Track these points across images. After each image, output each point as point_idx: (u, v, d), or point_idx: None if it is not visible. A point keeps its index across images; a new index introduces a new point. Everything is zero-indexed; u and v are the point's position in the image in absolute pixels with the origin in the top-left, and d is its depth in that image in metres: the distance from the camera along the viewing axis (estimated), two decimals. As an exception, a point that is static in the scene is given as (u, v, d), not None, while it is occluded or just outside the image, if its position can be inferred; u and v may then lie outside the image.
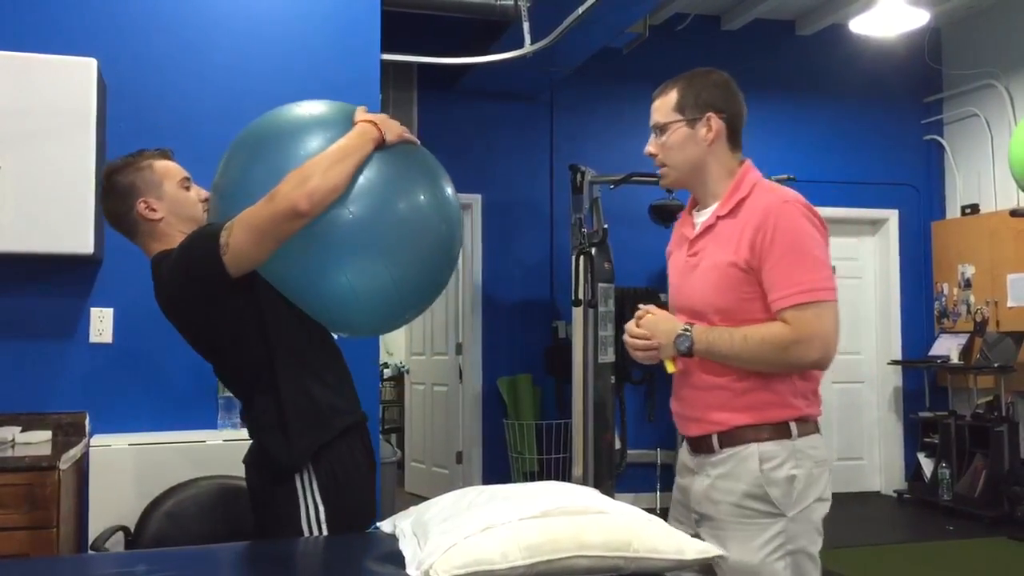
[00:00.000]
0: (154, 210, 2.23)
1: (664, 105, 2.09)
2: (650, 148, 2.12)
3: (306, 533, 2.08)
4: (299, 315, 2.10)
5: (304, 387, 2.13)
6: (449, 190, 2.14)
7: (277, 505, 2.12)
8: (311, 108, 2.14)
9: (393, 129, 2.06)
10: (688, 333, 1.98)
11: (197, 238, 2.07)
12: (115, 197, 2.25)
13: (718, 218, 2.04)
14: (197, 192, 2.30)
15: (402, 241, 2.01)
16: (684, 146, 2.07)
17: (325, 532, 2.09)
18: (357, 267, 1.98)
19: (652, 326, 2.04)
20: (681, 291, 2.13)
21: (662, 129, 2.09)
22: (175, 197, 2.26)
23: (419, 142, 2.15)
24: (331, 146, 1.98)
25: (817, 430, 2.03)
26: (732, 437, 1.99)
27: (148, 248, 2.25)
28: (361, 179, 1.98)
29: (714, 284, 2.00)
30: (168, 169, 2.29)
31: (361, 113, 2.07)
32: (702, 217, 2.11)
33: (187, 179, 2.30)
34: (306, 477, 2.11)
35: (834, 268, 2.06)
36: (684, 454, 2.15)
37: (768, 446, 1.96)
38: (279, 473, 2.12)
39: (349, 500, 2.16)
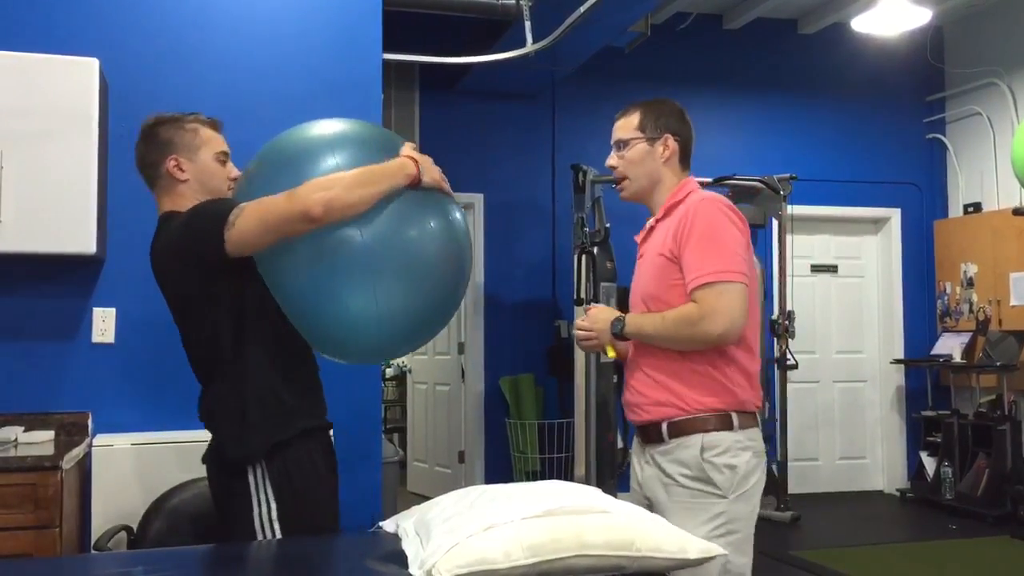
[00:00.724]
0: (182, 170, 2.28)
1: (627, 124, 2.36)
2: (611, 161, 2.38)
3: (258, 530, 2.09)
4: (283, 318, 2.12)
5: (269, 382, 2.15)
6: (462, 232, 2.19)
7: (233, 499, 2.13)
8: (361, 128, 2.20)
9: (431, 172, 2.11)
10: (621, 320, 2.27)
11: (209, 207, 2.13)
12: (151, 145, 2.30)
13: (657, 221, 2.33)
14: (229, 169, 2.35)
15: (407, 277, 2.04)
16: (643, 161, 2.33)
17: (278, 532, 2.09)
18: (359, 293, 2.00)
19: (593, 317, 2.35)
20: (635, 287, 2.39)
21: (625, 144, 2.35)
22: (206, 166, 2.31)
23: (453, 194, 2.20)
24: (365, 167, 2.01)
25: (756, 423, 2.24)
26: (679, 428, 2.19)
27: (162, 203, 2.30)
28: (383, 209, 2.00)
29: (651, 274, 2.27)
30: (210, 139, 2.35)
31: (408, 148, 2.13)
32: (649, 223, 2.39)
33: (225, 154, 2.36)
34: (259, 473, 2.11)
35: (836, 267, 2.18)
36: (637, 448, 2.34)
37: (712, 436, 2.16)
38: (231, 465, 2.13)
39: (304, 501, 2.15)
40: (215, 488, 2.25)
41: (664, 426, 2.20)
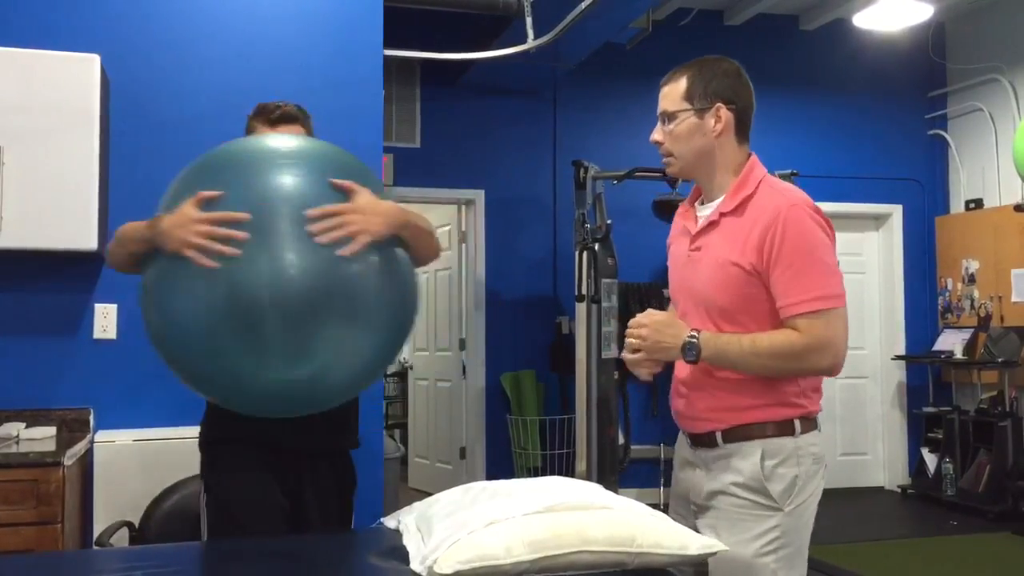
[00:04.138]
0: None
1: (673, 92, 2.02)
2: (656, 136, 2.06)
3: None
4: None
5: None
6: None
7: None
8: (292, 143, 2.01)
9: (172, 243, 1.83)
10: (695, 341, 1.92)
11: None
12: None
13: (722, 215, 1.99)
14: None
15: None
16: (691, 136, 2.01)
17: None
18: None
19: (658, 327, 1.98)
20: (682, 284, 2.09)
21: (670, 117, 2.02)
22: None
23: (204, 262, 1.80)
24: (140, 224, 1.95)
25: (816, 427, 2.02)
26: (736, 434, 1.96)
27: None
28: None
29: (718, 282, 1.96)
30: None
31: (182, 208, 1.84)
32: (705, 211, 2.05)
33: None
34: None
35: (839, 263, 2.04)
36: (683, 448, 2.12)
37: (772, 443, 1.94)
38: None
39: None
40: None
41: (719, 434, 1.98)
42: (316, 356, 1.83)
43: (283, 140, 2.02)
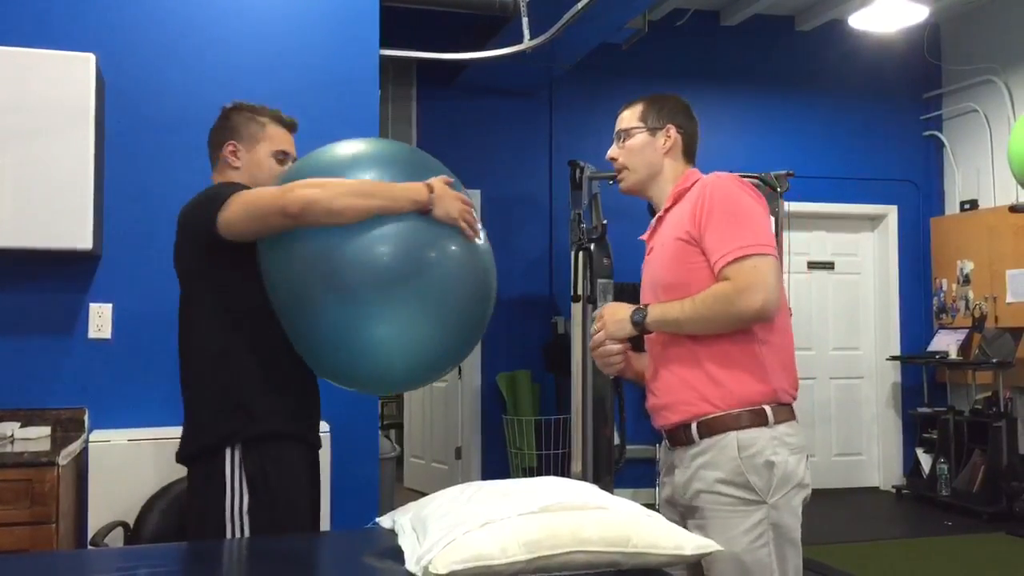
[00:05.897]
0: (237, 158, 2.33)
1: (630, 115, 2.29)
2: (611, 153, 2.31)
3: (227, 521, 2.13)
4: (270, 316, 2.14)
5: (236, 379, 2.19)
6: (485, 261, 2.28)
7: (206, 485, 2.20)
8: (408, 153, 2.29)
9: (448, 207, 2.09)
10: (642, 309, 2.11)
11: (222, 188, 2.17)
12: (219, 128, 2.38)
13: (666, 210, 2.23)
14: (283, 171, 2.35)
15: (426, 305, 2.10)
16: (643, 150, 2.25)
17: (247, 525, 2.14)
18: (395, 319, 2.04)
19: (609, 313, 2.19)
20: (645, 283, 2.27)
21: (626, 134, 2.28)
22: (260, 160, 2.34)
23: (480, 237, 2.21)
24: (369, 179, 2.05)
25: (793, 416, 2.09)
26: (710, 426, 2.03)
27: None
28: (396, 233, 2.03)
29: (666, 261, 2.14)
30: (274, 136, 2.36)
31: (437, 179, 2.11)
32: (656, 218, 2.29)
33: (285, 153, 2.37)
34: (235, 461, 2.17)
35: (832, 264, 2.12)
36: (664, 452, 2.21)
37: (746, 434, 2.01)
38: (206, 450, 2.23)
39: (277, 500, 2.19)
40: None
41: (694, 426, 2.05)
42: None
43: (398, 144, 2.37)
